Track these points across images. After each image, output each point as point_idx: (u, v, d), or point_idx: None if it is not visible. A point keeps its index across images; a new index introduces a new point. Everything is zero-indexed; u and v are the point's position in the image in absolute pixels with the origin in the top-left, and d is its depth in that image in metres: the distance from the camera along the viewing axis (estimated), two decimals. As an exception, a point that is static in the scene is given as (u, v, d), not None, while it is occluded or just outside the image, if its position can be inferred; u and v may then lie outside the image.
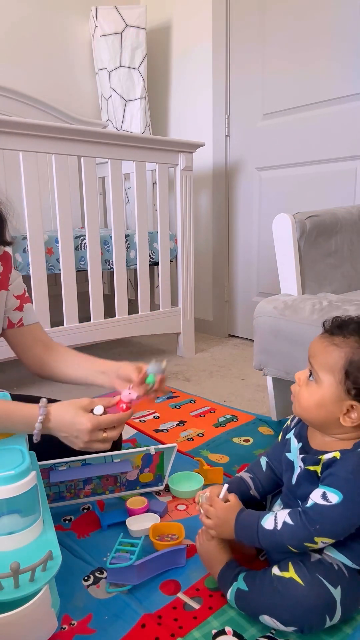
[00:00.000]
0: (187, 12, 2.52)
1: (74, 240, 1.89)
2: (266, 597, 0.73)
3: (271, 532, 0.75)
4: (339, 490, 0.71)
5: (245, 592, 0.76)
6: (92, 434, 0.84)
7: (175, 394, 1.79)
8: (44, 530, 0.79)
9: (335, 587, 0.72)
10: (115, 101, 2.55)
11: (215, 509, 0.81)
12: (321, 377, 0.76)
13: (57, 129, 1.74)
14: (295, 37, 2.08)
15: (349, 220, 1.55)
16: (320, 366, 0.76)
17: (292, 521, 0.73)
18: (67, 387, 1.27)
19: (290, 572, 0.73)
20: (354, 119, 1.94)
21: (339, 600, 0.72)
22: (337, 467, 0.73)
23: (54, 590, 0.78)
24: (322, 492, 0.72)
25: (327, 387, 0.75)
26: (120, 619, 0.78)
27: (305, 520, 0.72)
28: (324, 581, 0.72)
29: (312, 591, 0.71)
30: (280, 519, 0.75)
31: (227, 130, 2.45)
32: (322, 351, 0.77)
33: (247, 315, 2.49)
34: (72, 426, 0.85)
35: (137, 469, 1.10)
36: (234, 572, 0.80)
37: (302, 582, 0.71)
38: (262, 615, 0.74)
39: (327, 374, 0.75)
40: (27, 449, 0.82)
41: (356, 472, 0.71)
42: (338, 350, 0.75)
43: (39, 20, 2.42)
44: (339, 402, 0.74)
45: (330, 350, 0.76)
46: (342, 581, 0.73)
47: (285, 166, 2.23)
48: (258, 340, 1.39)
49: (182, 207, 2.18)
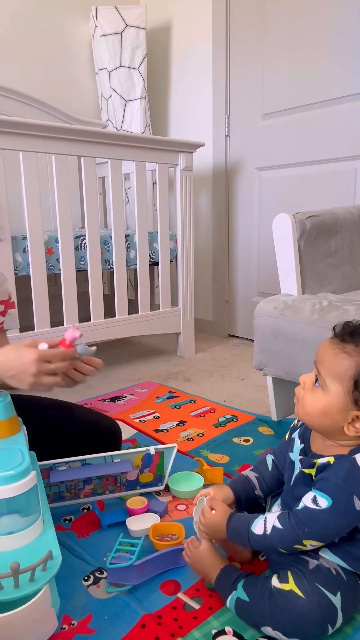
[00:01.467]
0: (187, 12, 2.52)
1: (74, 240, 1.89)
2: (267, 609, 0.73)
3: (261, 536, 0.75)
4: (329, 495, 0.71)
5: (245, 603, 0.75)
6: (39, 364, 0.82)
7: (175, 394, 1.79)
8: (44, 530, 0.79)
9: (335, 595, 0.72)
10: (115, 101, 2.55)
11: (205, 520, 0.82)
12: (328, 384, 0.74)
13: (57, 129, 1.74)
14: (295, 37, 2.08)
15: (349, 220, 1.55)
16: (329, 373, 0.75)
17: (281, 525, 0.74)
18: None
19: (290, 584, 0.73)
20: (353, 119, 1.94)
21: (339, 607, 0.72)
22: (329, 471, 0.73)
23: (54, 590, 0.78)
24: (313, 496, 0.72)
25: (334, 395, 0.74)
26: (120, 619, 0.78)
27: (295, 522, 0.72)
28: (324, 590, 0.72)
29: (312, 603, 0.71)
30: (270, 523, 0.75)
31: (227, 130, 2.45)
32: (332, 358, 0.75)
33: (247, 315, 2.49)
34: (18, 361, 0.83)
35: (137, 469, 1.10)
36: (233, 578, 0.79)
37: (302, 594, 0.71)
38: (264, 627, 0.74)
39: (335, 382, 0.74)
40: (27, 449, 0.82)
41: (347, 479, 0.71)
42: (349, 359, 0.73)
43: (39, 20, 2.42)
44: (345, 412, 0.73)
45: (340, 358, 0.73)
46: (342, 586, 0.73)
47: (285, 166, 2.23)
48: (258, 340, 1.39)
49: (182, 207, 2.18)
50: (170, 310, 2.23)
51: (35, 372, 0.83)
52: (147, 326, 2.16)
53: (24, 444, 0.82)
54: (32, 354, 0.83)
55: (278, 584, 0.73)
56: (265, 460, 0.96)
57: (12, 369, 0.84)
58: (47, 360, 0.83)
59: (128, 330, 2.09)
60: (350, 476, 0.71)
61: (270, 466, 0.94)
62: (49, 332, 1.81)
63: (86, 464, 1.04)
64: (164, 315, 2.21)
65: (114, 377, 2.02)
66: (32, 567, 0.68)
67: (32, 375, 0.83)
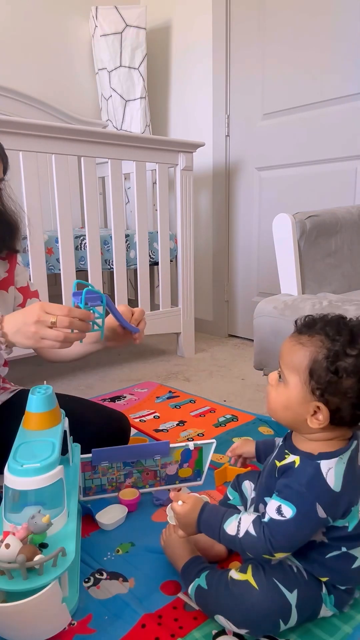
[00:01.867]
0: (187, 12, 2.52)
1: (74, 240, 1.89)
2: (221, 598, 0.74)
3: (232, 537, 0.73)
4: (293, 503, 0.70)
5: (204, 591, 0.76)
6: (40, 316, 0.82)
7: (175, 393, 1.79)
8: (66, 525, 0.80)
9: (291, 592, 0.72)
10: (115, 101, 2.55)
11: (174, 513, 0.80)
12: (287, 377, 0.74)
13: (57, 129, 1.74)
14: (295, 37, 2.08)
15: (349, 220, 1.55)
16: (286, 366, 0.75)
17: (255, 532, 0.71)
18: (76, 383, 1.28)
19: (247, 575, 0.73)
20: (354, 119, 1.94)
21: (294, 604, 0.72)
22: (293, 477, 0.72)
23: (74, 587, 0.80)
24: (277, 506, 0.71)
25: (293, 387, 0.73)
26: (120, 619, 0.78)
27: (269, 534, 0.70)
28: (280, 585, 0.72)
29: (266, 596, 0.71)
30: (244, 527, 0.73)
31: (227, 130, 2.45)
32: (289, 351, 0.75)
33: (247, 315, 2.49)
34: (21, 314, 0.85)
35: (177, 463, 1.12)
36: (198, 568, 0.80)
37: (257, 586, 0.72)
38: (217, 615, 0.74)
39: (292, 374, 0.73)
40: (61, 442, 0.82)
41: (309, 486, 0.70)
42: (303, 349, 0.72)
43: (39, 20, 2.42)
44: (305, 404, 0.72)
45: (295, 349, 0.73)
46: (300, 585, 0.73)
47: (285, 166, 2.23)
48: (258, 340, 1.39)
49: (182, 207, 2.18)
50: (170, 310, 2.23)
51: (36, 321, 0.82)
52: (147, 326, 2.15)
53: (58, 437, 0.82)
54: (34, 306, 0.84)
55: (236, 575, 0.75)
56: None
57: (16, 323, 0.85)
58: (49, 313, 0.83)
59: (128, 330, 2.09)
60: (313, 483, 0.70)
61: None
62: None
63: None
64: (164, 315, 2.21)
65: (114, 377, 2.02)
66: (41, 561, 0.68)
67: (33, 323, 0.82)
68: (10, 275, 1.11)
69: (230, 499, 0.97)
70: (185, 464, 1.13)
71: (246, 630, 0.73)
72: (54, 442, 0.81)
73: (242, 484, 0.96)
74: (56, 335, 0.82)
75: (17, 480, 0.75)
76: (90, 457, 1.03)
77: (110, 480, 1.09)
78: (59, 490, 0.79)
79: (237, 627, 0.73)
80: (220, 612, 0.74)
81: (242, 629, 0.73)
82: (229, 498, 0.97)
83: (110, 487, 1.09)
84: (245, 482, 0.95)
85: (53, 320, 0.82)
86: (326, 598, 0.76)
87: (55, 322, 0.82)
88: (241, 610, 0.72)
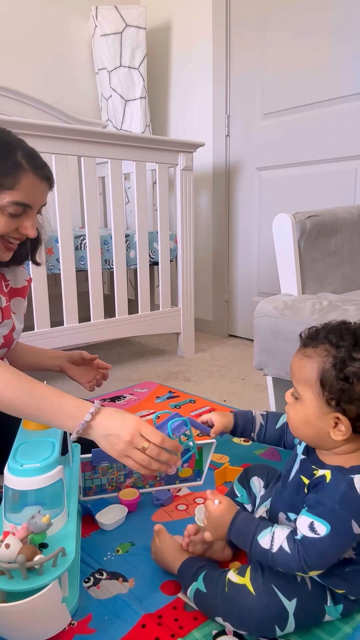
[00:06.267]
0: (187, 12, 2.52)
1: (74, 240, 1.89)
2: (219, 601, 0.74)
3: (265, 551, 0.71)
4: (327, 521, 0.68)
5: (203, 594, 0.76)
6: (134, 437, 0.79)
7: (175, 393, 1.79)
8: (66, 525, 0.80)
9: (290, 600, 0.71)
10: (115, 101, 2.55)
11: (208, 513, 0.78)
12: (301, 393, 0.73)
13: (57, 129, 1.74)
14: (295, 37, 2.08)
15: (349, 220, 1.55)
16: (298, 382, 0.74)
17: (289, 550, 0.69)
18: (76, 383, 1.30)
19: (245, 579, 0.73)
20: (354, 119, 1.94)
21: (292, 612, 0.71)
22: (324, 493, 0.70)
23: (74, 587, 0.80)
24: (309, 522, 0.69)
25: (309, 402, 0.72)
26: (120, 619, 0.78)
27: (303, 552, 0.68)
28: (278, 592, 0.71)
29: (261, 602, 0.71)
30: (277, 542, 0.70)
31: (227, 130, 2.45)
32: (297, 366, 0.74)
33: (247, 315, 2.49)
34: (120, 421, 0.81)
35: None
36: (194, 569, 0.80)
37: (253, 591, 0.71)
38: (217, 617, 0.75)
39: (305, 389, 0.72)
40: (61, 443, 0.82)
41: (343, 502, 0.68)
42: (310, 361, 0.71)
43: (39, 20, 2.42)
44: (323, 416, 0.71)
45: (303, 363, 0.72)
46: (301, 593, 0.72)
47: (285, 166, 2.23)
48: (258, 340, 1.39)
49: (182, 207, 2.18)
50: (170, 310, 2.23)
51: (129, 440, 0.79)
52: (147, 326, 2.16)
53: (58, 437, 0.82)
54: (133, 421, 0.81)
55: (234, 577, 0.74)
56: (279, 417, 0.95)
57: (109, 429, 0.81)
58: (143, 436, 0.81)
59: (128, 330, 2.09)
60: (347, 499, 0.68)
61: (279, 424, 0.94)
62: (49, 332, 1.81)
63: None
64: (164, 315, 2.21)
65: (114, 377, 2.02)
66: (41, 561, 0.68)
67: (124, 442, 0.79)
68: (29, 284, 1.18)
69: (237, 495, 0.95)
70: (186, 464, 1.13)
71: (244, 632, 0.73)
72: (54, 442, 0.81)
73: (251, 480, 0.95)
74: (142, 459, 0.80)
75: (17, 480, 0.75)
76: (90, 457, 1.02)
77: (110, 480, 1.09)
78: (59, 490, 0.79)
79: (235, 629, 0.73)
80: (219, 615, 0.74)
81: (241, 630, 0.73)
82: (237, 495, 0.96)
83: (110, 487, 1.09)
84: (253, 478, 0.94)
85: (145, 446, 0.80)
86: (331, 609, 0.75)
87: (146, 448, 0.80)
88: (237, 613, 0.72)
